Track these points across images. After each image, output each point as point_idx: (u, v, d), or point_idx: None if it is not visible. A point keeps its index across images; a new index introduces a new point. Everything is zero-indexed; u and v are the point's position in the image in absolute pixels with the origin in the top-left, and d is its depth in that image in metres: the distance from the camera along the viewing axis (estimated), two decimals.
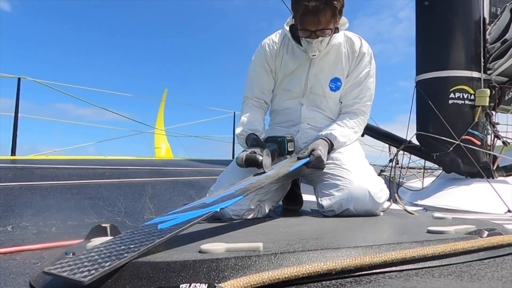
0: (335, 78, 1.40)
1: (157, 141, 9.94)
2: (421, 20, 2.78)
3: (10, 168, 2.43)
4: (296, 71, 1.41)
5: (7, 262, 0.83)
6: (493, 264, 0.60)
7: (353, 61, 1.39)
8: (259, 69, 1.45)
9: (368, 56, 1.39)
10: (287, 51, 1.41)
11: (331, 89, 1.41)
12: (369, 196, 1.24)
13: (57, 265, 0.55)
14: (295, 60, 1.40)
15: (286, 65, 1.41)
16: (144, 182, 2.16)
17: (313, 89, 1.41)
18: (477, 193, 2.25)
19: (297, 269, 0.50)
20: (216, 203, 0.86)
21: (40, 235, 1.08)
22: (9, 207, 1.38)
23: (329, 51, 1.37)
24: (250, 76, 1.49)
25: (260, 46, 1.46)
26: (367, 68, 1.39)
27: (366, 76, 1.39)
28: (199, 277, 0.51)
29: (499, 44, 2.50)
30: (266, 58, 1.43)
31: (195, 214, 0.77)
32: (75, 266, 0.54)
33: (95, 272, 0.50)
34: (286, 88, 1.45)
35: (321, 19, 1.21)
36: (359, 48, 1.38)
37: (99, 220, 1.30)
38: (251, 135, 1.34)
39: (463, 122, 2.46)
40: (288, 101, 1.47)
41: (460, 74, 2.49)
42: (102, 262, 0.54)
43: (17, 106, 3.97)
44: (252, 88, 1.48)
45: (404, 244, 0.63)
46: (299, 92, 1.43)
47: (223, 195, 0.97)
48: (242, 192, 0.94)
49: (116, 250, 0.59)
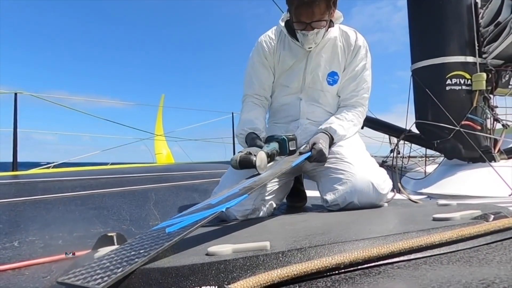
0: (332, 72, 1.41)
1: (157, 147, 9.93)
2: (413, 8, 2.78)
3: (13, 183, 2.43)
4: (294, 67, 1.41)
5: (16, 277, 0.83)
6: (501, 247, 0.60)
7: (349, 55, 1.40)
8: (257, 66, 1.45)
9: (363, 49, 1.40)
10: (283, 48, 1.41)
11: (328, 83, 1.42)
12: (373, 188, 1.24)
13: (70, 274, 0.55)
14: (292, 56, 1.40)
15: (284, 61, 1.42)
16: (147, 188, 2.16)
17: (311, 84, 1.42)
18: (480, 178, 2.25)
19: (306, 266, 0.50)
20: (222, 203, 0.86)
21: (48, 249, 1.08)
22: (15, 222, 1.38)
23: (325, 45, 1.37)
24: (249, 73, 1.48)
25: (257, 43, 1.46)
26: (363, 61, 1.40)
27: (363, 69, 1.40)
28: (208, 280, 0.51)
29: (493, 27, 2.49)
30: (265, 54, 1.43)
31: (201, 216, 0.77)
32: (88, 274, 0.54)
33: (108, 278, 0.51)
34: (284, 84, 1.45)
35: (315, 11, 1.22)
36: (354, 41, 1.39)
37: (105, 229, 1.31)
38: (250, 134, 1.33)
39: (462, 108, 2.45)
40: (287, 97, 1.47)
41: (455, 60, 2.48)
42: (114, 268, 0.54)
43: (16, 121, 3.95)
44: (251, 85, 1.46)
45: (411, 233, 0.63)
46: (297, 87, 1.44)
47: (228, 194, 0.98)
48: (246, 190, 0.94)
49: (126, 256, 0.59)
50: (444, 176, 2.46)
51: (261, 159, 1.11)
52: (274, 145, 1.24)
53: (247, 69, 1.49)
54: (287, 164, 1.18)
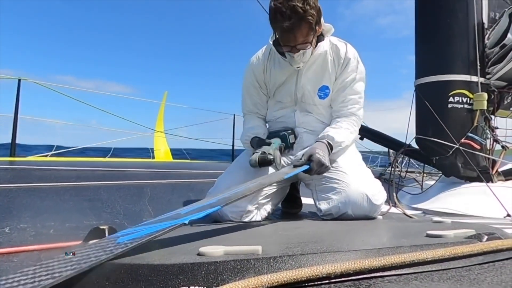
0: (323, 86, 1.43)
1: (157, 143, 9.92)
2: (420, 25, 2.79)
3: (9, 169, 2.43)
4: (286, 83, 1.45)
5: (4, 263, 0.83)
6: (493, 268, 0.60)
7: (339, 67, 1.41)
8: (249, 88, 1.52)
9: (354, 61, 1.40)
10: (274, 65, 1.44)
11: (319, 97, 1.44)
12: (367, 199, 1.24)
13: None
14: (283, 72, 1.43)
15: (275, 78, 1.45)
16: (143, 184, 2.16)
17: (303, 98, 1.45)
18: (476, 197, 2.25)
19: (296, 273, 0.50)
20: (189, 214, 0.82)
21: (38, 237, 1.07)
22: (7, 208, 1.38)
23: (315, 61, 1.39)
24: (244, 94, 1.57)
25: (248, 64, 1.52)
26: (353, 73, 1.40)
27: (352, 80, 1.41)
28: (198, 280, 0.51)
29: (498, 49, 2.51)
30: (255, 76, 1.48)
31: (161, 226, 0.74)
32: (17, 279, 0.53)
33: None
34: (277, 99, 1.50)
35: (297, 35, 1.24)
36: (344, 54, 1.40)
37: (98, 222, 1.30)
38: (254, 138, 1.41)
39: (462, 126, 2.46)
40: (282, 111, 1.51)
41: (459, 78, 2.49)
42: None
43: (17, 107, 3.96)
44: (247, 105, 1.56)
45: (404, 248, 0.63)
46: (291, 101, 1.47)
47: (202, 205, 0.96)
48: (221, 202, 0.92)
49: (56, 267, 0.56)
50: (441, 193, 2.46)
51: (276, 156, 1.28)
52: (278, 140, 1.38)
53: (242, 88, 1.57)
54: (279, 176, 1.19)
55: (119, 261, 0.57)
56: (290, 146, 1.43)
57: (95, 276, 0.55)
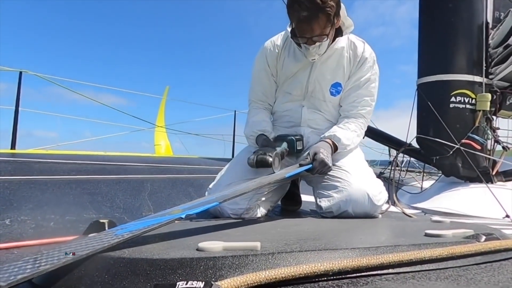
0: (336, 82, 1.40)
1: (157, 138, 9.93)
2: (424, 24, 2.78)
3: (10, 161, 2.43)
4: (298, 74, 1.41)
5: (4, 256, 0.83)
6: (490, 268, 0.60)
7: (354, 66, 1.38)
8: (260, 73, 1.46)
9: (370, 61, 1.38)
10: (288, 54, 1.40)
11: (331, 93, 1.41)
12: (368, 199, 1.24)
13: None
14: (296, 63, 1.39)
15: (288, 68, 1.41)
16: (143, 179, 2.16)
17: (314, 93, 1.41)
18: (475, 198, 2.25)
19: (294, 269, 0.50)
20: (186, 210, 0.83)
21: (38, 230, 1.08)
22: (8, 200, 1.38)
23: (331, 55, 1.36)
24: (253, 79, 1.50)
25: (262, 48, 1.46)
26: (368, 73, 1.38)
27: (367, 81, 1.38)
28: (196, 275, 0.51)
29: (502, 49, 2.49)
30: (267, 61, 1.43)
31: (158, 220, 0.75)
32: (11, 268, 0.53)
33: (14, 278, 0.48)
34: (287, 91, 1.45)
35: (314, 27, 1.20)
36: (361, 53, 1.37)
37: (98, 215, 1.31)
38: (261, 136, 1.38)
39: (464, 126, 2.45)
40: (289, 103, 1.47)
41: (461, 78, 2.48)
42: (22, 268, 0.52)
43: (18, 99, 3.96)
44: (255, 92, 1.50)
45: (402, 246, 0.63)
46: (300, 95, 1.43)
47: (200, 202, 0.97)
48: (221, 198, 0.94)
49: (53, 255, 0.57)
50: (440, 192, 2.47)
51: (275, 159, 1.24)
52: (284, 145, 1.34)
53: (252, 74, 1.51)
54: (281, 175, 1.19)
55: (118, 254, 0.58)
56: (296, 153, 1.37)
57: (94, 269, 0.55)
